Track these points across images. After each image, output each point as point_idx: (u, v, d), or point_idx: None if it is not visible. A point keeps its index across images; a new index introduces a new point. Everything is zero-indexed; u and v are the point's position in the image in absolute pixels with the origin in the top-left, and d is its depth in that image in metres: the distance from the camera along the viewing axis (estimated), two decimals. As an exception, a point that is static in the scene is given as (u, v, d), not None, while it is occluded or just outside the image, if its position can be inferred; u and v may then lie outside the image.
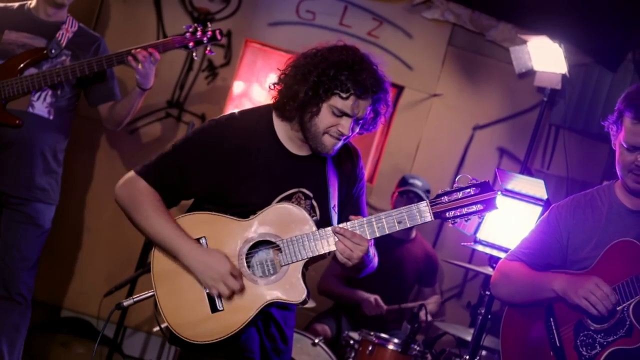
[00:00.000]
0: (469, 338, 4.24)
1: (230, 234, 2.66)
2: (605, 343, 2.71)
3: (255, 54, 5.67)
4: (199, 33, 4.04)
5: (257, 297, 2.62)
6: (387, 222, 2.58)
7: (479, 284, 5.20)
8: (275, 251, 2.65)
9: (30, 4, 4.15)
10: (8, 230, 4.01)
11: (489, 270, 3.82)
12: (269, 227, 2.64)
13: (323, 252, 2.61)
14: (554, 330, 2.82)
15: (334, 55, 2.64)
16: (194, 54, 4.16)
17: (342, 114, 2.62)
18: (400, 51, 5.56)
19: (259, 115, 2.79)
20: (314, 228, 2.62)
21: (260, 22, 5.47)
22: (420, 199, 4.98)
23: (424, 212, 2.57)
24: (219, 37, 4.08)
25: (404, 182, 5.09)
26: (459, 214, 2.57)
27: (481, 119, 5.61)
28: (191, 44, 4.05)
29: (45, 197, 4.04)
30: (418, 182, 5.04)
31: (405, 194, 5.00)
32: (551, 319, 2.84)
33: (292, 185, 2.73)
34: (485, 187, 2.56)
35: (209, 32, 4.06)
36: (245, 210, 2.67)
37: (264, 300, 2.61)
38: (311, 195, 2.74)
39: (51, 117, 4.03)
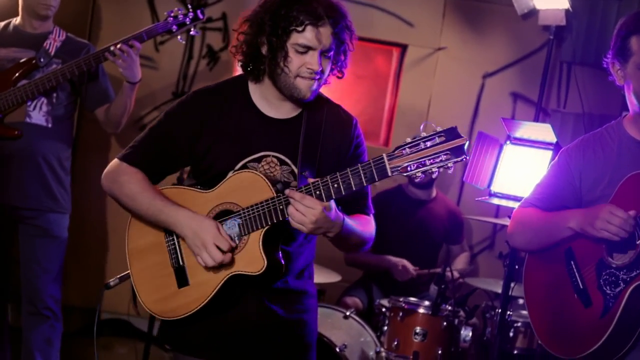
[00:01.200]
0: (500, 290, 4.20)
1: (195, 207, 2.58)
2: (628, 279, 2.64)
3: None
4: (180, 16, 4.02)
5: (219, 271, 2.52)
6: (343, 182, 2.37)
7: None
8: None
9: (16, 20, 4.17)
10: (26, 246, 4.04)
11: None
12: (230, 197, 2.54)
13: (280, 219, 2.45)
14: (576, 273, 2.76)
15: None
16: (179, 37, 4.14)
17: (305, 48, 2.49)
18: (399, 9, 5.46)
19: (234, 82, 2.72)
20: (273, 194, 2.47)
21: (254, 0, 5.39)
22: None
23: (381, 167, 2.32)
24: (200, 15, 4.06)
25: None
26: (422, 166, 2.27)
27: (489, 66, 5.50)
28: (174, 27, 4.02)
29: (56, 206, 4.06)
30: None
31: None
32: (572, 262, 2.78)
33: (261, 148, 2.61)
34: (451, 134, 2.25)
35: (191, 13, 4.04)
36: (213, 177, 2.60)
37: (223, 275, 2.52)
38: (287, 160, 2.61)
39: (50, 125, 4.03)
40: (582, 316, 2.70)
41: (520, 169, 3.74)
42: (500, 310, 3.98)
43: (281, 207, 2.43)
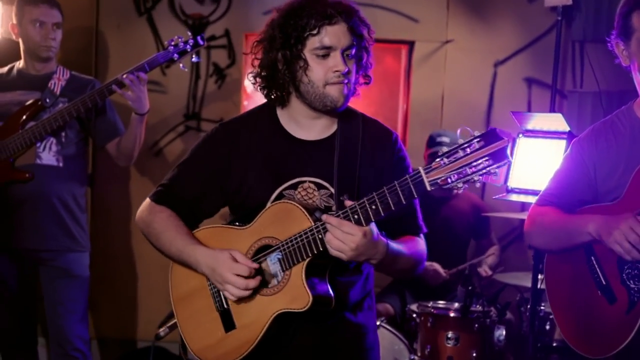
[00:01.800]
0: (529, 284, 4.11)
1: (234, 245, 2.46)
2: (651, 270, 2.56)
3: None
4: (181, 44, 3.99)
5: (264, 310, 2.40)
6: (381, 203, 2.21)
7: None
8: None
9: (19, 64, 4.19)
10: (48, 288, 4.05)
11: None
12: (267, 231, 2.42)
13: (321, 249, 2.30)
14: (597, 269, 2.66)
15: (284, 10, 2.46)
16: (181, 65, 4.12)
17: (325, 50, 2.39)
18: (402, 6, 5.37)
19: (260, 109, 2.61)
20: (311, 223, 2.33)
21: (255, 13, 5.35)
22: None
23: (418, 182, 2.16)
24: (200, 42, 4.04)
25: (431, 141, 4.92)
26: (463, 176, 2.10)
27: (500, 53, 5.39)
28: (175, 56, 4.02)
29: (75, 245, 4.06)
30: (446, 139, 4.86)
31: (434, 155, 4.84)
32: (592, 258, 2.69)
33: (296, 174, 2.48)
34: (491, 137, 2.08)
35: (191, 40, 4.02)
36: (251, 211, 2.48)
37: (270, 314, 2.39)
38: (325, 184, 2.47)
39: (61, 165, 4.03)
40: (607, 313, 2.61)
41: (536, 162, 3.64)
42: (530, 306, 3.89)
43: (320, 236, 2.30)
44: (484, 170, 2.09)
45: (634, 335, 2.51)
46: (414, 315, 4.23)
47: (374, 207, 2.23)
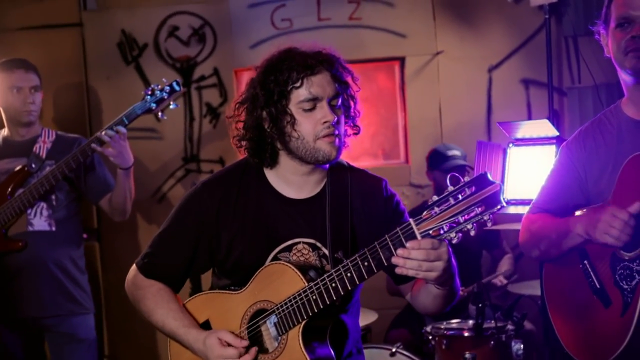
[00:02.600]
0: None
1: (230, 311, 2.41)
2: (642, 270, 2.47)
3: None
4: (157, 92, 3.88)
5: None
6: (373, 259, 2.15)
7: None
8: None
9: (4, 132, 4.16)
10: (55, 354, 4.01)
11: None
12: (262, 294, 2.35)
13: (316, 309, 2.23)
14: (591, 273, 2.58)
15: (263, 66, 2.41)
16: (160, 114, 3.97)
17: (311, 100, 2.32)
18: (387, 23, 5.31)
19: (246, 165, 2.51)
20: (305, 284, 2.26)
21: (242, 48, 5.33)
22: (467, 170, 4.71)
23: (409, 234, 2.08)
24: (177, 87, 3.90)
25: (441, 158, 4.78)
26: (456, 225, 2.01)
27: (492, 58, 5.30)
28: (153, 106, 3.89)
29: (78, 308, 4.01)
30: (457, 152, 4.75)
31: (453, 169, 4.71)
32: (585, 262, 2.61)
33: (289, 236, 2.40)
34: (482, 182, 1.99)
35: (167, 87, 3.89)
36: (244, 276, 2.40)
37: None
38: (318, 244, 2.39)
39: (54, 229, 3.98)
40: (603, 318, 2.54)
41: (528, 170, 3.54)
42: (542, 316, 3.76)
43: (314, 297, 2.23)
44: (477, 218, 2.00)
45: (630, 338, 2.43)
46: (430, 337, 4.12)
47: (366, 264, 2.18)
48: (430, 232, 2.04)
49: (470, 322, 3.97)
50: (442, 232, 2.03)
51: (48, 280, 3.94)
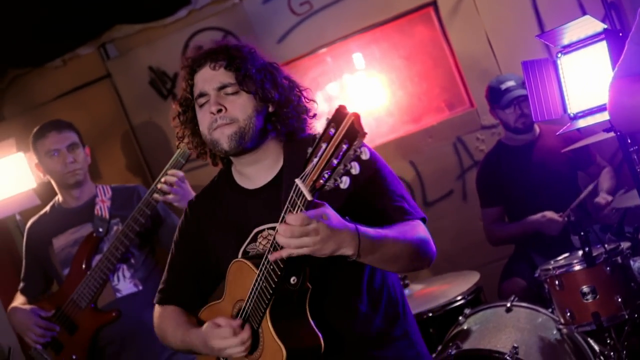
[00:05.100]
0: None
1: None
2: None
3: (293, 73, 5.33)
4: None
5: None
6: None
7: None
8: None
9: (58, 199, 4.00)
10: None
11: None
12: (236, 295, 2.31)
13: (271, 291, 2.09)
14: None
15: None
16: None
17: (200, 96, 2.33)
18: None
19: (220, 173, 2.54)
20: (256, 271, 2.15)
21: (269, 45, 5.12)
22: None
23: (300, 194, 1.93)
24: None
25: (497, 93, 4.44)
26: (332, 170, 1.82)
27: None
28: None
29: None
30: (511, 82, 4.41)
31: (513, 105, 4.41)
32: None
33: (252, 227, 2.34)
34: (339, 117, 1.81)
35: None
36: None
37: None
38: None
39: (141, 288, 3.82)
40: None
41: (586, 76, 3.17)
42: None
43: (264, 283, 2.10)
44: (347, 155, 1.80)
45: None
46: (543, 278, 3.79)
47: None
48: (316, 185, 1.87)
49: (579, 253, 3.61)
50: (323, 180, 1.85)
51: (151, 342, 3.63)
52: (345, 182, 1.84)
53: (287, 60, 5.13)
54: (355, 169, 1.82)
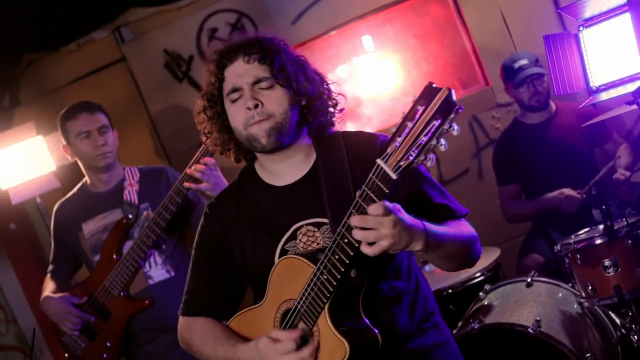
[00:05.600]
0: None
1: (260, 324, 2.30)
2: None
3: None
4: None
5: None
6: (359, 213, 1.96)
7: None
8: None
9: (86, 182, 3.92)
10: None
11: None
12: (283, 295, 2.23)
13: (331, 288, 2.06)
14: None
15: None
16: None
17: (233, 91, 2.26)
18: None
19: (242, 172, 2.47)
20: (313, 267, 2.11)
21: (284, 27, 5.13)
22: (542, 75, 4.38)
23: (383, 175, 1.89)
24: None
25: (510, 71, 4.45)
26: (422, 147, 1.81)
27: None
28: None
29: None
30: (524, 61, 4.41)
31: (526, 83, 4.41)
32: None
33: (290, 223, 2.28)
34: (429, 93, 1.80)
35: None
36: (263, 279, 2.29)
37: None
38: (322, 220, 2.25)
39: (173, 274, 3.78)
40: None
41: (609, 49, 3.17)
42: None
43: (325, 276, 2.07)
44: (439, 131, 1.79)
45: None
46: (562, 256, 3.81)
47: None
48: (402, 164, 1.85)
49: (600, 227, 3.63)
50: (411, 158, 1.84)
51: None
52: (432, 160, 1.84)
53: (301, 41, 5.13)
54: (442, 146, 1.81)
